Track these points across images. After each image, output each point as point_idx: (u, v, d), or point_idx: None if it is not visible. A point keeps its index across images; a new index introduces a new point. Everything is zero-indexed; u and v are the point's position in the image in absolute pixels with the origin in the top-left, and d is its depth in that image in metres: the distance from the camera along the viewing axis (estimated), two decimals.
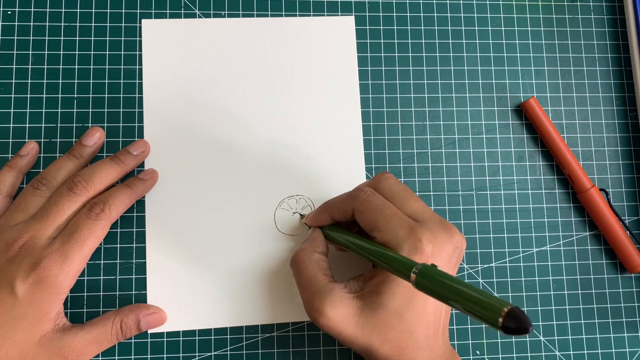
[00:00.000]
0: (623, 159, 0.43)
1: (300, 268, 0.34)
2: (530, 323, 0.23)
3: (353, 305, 0.32)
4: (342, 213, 0.35)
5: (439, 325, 0.33)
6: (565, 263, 0.41)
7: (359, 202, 0.34)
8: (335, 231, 0.36)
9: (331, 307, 0.31)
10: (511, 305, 0.23)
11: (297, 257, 0.35)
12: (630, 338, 0.41)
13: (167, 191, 0.39)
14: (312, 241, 0.36)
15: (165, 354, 0.38)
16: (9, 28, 0.40)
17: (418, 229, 0.32)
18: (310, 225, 0.38)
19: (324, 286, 0.32)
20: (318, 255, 0.35)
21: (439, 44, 0.43)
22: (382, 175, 0.36)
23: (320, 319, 0.32)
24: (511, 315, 0.23)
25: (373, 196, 0.34)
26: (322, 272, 0.34)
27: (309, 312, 0.33)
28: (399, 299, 0.31)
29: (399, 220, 0.32)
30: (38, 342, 0.33)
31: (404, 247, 0.31)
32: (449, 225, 0.33)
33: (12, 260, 0.33)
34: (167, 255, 0.39)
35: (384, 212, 0.33)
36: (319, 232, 0.37)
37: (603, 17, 0.45)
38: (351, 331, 0.32)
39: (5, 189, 0.37)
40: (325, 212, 0.37)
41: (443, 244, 0.32)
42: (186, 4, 0.42)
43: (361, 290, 0.33)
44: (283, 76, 0.42)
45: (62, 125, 0.40)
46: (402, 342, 0.32)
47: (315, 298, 0.32)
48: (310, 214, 0.38)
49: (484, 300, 0.24)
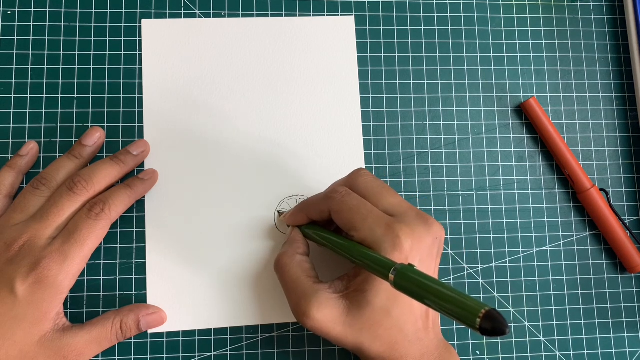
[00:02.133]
0: (623, 159, 0.43)
1: (284, 272, 0.34)
2: (507, 325, 0.23)
3: (339, 305, 0.32)
4: (319, 214, 0.35)
5: (428, 318, 0.33)
6: (565, 263, 0.41)
7: (334, 203, 0.34)
8: (313, 229, 0.36)
9: (317, 309, 0.31)
10: (488, 306, 0.24)
11: (280, 261, 0.35)
12: (630, 338, 0.41)
13: (167, 191, 0.39)
14: (292, 243, 0.36)
15: (165, 354, 0.38)
16: (9, 28, 0.40)
17: (395, 225, 0.31)
18: (288, 224, 0.38)
19: (309, 288, 0.32)
20: (300, 257, 0.35)
21: (439, 44, 0.43)
22: (357, 172, 0.35)
23: (308, 322, 0.32)
24: (488, 317, 0.23)
25: (348, 196, 0.34)
26: (306, 274, 0.33)
27: (296, 316, 0.33)
28: (385, 296, 0.31)
29: (375, 218, 0.32)
30: (38, 342, 0.33)
31: (383, 245, 0.31)
32: (427, 217, 0.33)
33: (12, 260, 0.33)
34: (167, 255, 0.39)
35: (360, 212, 0.33)
36: (298, 232, 0.37)
37: (603, 17, 0.45)
38: (339, 331, 0.32)
39: (5, 189, 0.37)
40: (302, 212, 0.37)
41: (422, 237, 0.32)
42: (186, 4, 0.42)
43: (346, 289, 0.33)
44: (283, 76, 0.42)
45: (62, 125, 0.40)
46: (392, 338, 0.32)
47: (301, 301, 0.32)
48: (288, 212, 0.38)
49: (461, 301, 0.25)
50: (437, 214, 0.41)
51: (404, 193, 0.41)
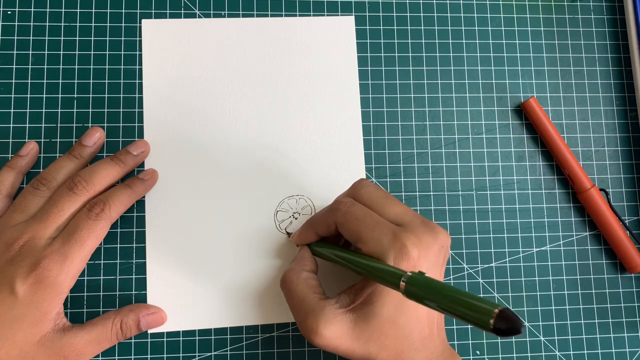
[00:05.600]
0: (623, 159, 0.43)
1: (290, 289, 0.34)
2: (522, 323, 0.23)
3: (346, 319, 0.32)
4: (326, 228, 0.35)
5: (434, 325, 0.33)
6: (565, 263, 0.41)
7: (340, 214, 0.34)
8: (322, 247, 0.36)
9: (324, 325, 0.31)
10: (501, 306, 0.23)
11: (286, 277, 0.35)
12: (630, 338, 0.41)
13: (167, 191, 0.39)
14: (300, 260, 0.36)
15: (165, 354, 0.38)
16: (9, 28, 0.40)
17: (402, 234, 0.31)
18: (297, 244, 0.38)
19: (316, 305, 0.32)
20: (307, 273, 0.35)
21: (439, 44, 0.43)
22: (360, 182, 0.36)
23: (316, 339, 0.31)
24: (502, 317, 0.23)
25: (353, 206, 0.34)
26: (312, 291, 0.33)
27: (303, 333, 0.32)
28: (391, 306, 0.31)
29: (382, 228, 0.32)
30: (38, 342, 0.33)
31: (390, 255, 0.31)
32: (432, 225, 0.33)
33: (12, 261, 0.33)
34: (167, 255, 0.39)
35: (366, 222, 0.33)
36: (306, 250, 0.37)
37: (603, 17, 0.45)
38: (347, 345, 0.31)
39: (5, 189, 0.37)
40: (310, 229, 0.37)
41: (428, 246, 0.32)
42: (186, 4, 0.42)
43: (353, 302, 0.32)
44: (283, 76, 0.42)
45: (62, 125, 0.40)
46: (399, 347, 0.32)
47: (308, 318, 0.32)
48: (296, 232, 0.38)
49: (474, 303, 0.25)
50: (437, 214, 0.41)
51: (404, 193, 0.41)
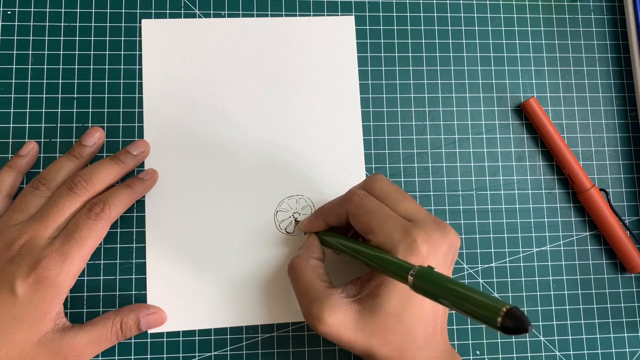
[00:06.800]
0: (623, 159, 0.43)
1: (297, 275, 0.34)
2: (529, 322, 0.23)
3: (351, 310, 0.32)
4: (336, 218, 0.35)
5: (437, 324, 0.33)
6: (565, 263, 0.41)
7: (352, 205, 0.34)
8: (330, 236, 0.36)
9: (329, 313, 0.31)
10: (510, 305, 0.23)
11: (294, 264, 0.35)
12: (630, 338, 0.41)
13: (167, 191, 0.39)
14: (308, 247, 0.36)
15: (165, 354, 0.38)
16: (9, 28, 0.40)
17: (413, 230, 0.32)
18: (306, 231, 0.38)
19: (322, 292, 0.32)
20: (314, 261, 0.35)
21: (439, 44, 0.43)
22: (374, 177, 0.36)
23: (320, 326, 0.31)
24: (510, 315, 0.23)
25: (366, 198, 0.34)
26: (319, 278, 0.33)
27: (307, 319, 0.33)
28: (397, 301, 0.31)
29: (394, 221, 0.32)
30: (38, 342, 0.33)
31: (400, 248, 0.31)
32: (443, 224, 0.33)
33: (12, 260, 0.33)
34: (167, 255, 0.39)
35: (378, 214, 0.33)
36: (315, 238, 0.37)
37: (603, 17, 0.45)
38: (351, 336, 0.31)
39: (5, 189, 0.37)
40: (320, 218, 0.37)
41: (438, 244, 0.32)
42: (186, 4, 0.42)
43: (359, 294, 0.33)
44: (283, 76, 0.42)
45: (62, 125, 0.40)
46: (402, 343, 0.32)
47: (313, 305, 0.32)
48: (305, 220, 0.38)
49: (482, 300, 0.24)
50: (437, 214, 0.41)
51: None
